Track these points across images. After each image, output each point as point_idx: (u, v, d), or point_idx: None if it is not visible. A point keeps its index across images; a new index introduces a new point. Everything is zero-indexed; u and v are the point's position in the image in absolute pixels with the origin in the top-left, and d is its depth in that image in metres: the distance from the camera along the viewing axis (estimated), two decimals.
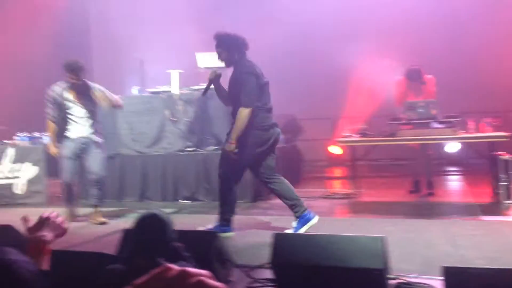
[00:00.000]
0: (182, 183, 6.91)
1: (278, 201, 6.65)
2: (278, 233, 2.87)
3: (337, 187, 7.51)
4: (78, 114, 5.54)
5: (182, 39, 9.65)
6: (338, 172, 9.62)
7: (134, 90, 7.57)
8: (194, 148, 7.03)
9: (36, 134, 7.37)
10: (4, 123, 8.07)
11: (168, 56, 9.16)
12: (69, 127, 5.53)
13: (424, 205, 6.02)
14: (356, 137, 6.20)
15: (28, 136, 7.33)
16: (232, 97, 4.59)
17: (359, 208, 6.02)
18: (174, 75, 7.22)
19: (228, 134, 4.63)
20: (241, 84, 4.46)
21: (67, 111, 5.51)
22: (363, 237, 2.68)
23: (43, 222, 1.69)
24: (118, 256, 2.50)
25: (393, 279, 2.83)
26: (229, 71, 4.78)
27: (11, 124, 8.16)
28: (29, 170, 7.13)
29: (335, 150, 10.24)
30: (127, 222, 5.40)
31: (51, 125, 5.63)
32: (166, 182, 6.98)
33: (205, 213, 6.05)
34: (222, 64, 4.74)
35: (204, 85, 7.16)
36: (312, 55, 10.15)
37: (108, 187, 7.23)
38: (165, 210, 6.22)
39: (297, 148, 8.77)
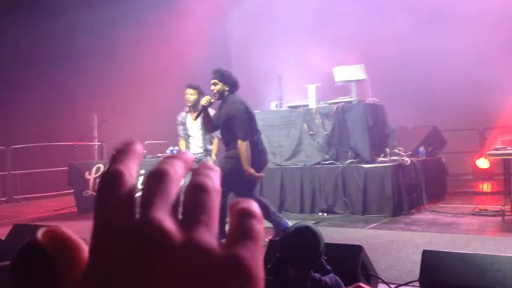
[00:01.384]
0: (319, 196, 6.94)
1: (420, 215, 6.39)
2: (428, 250, 2.74)
3: (487, 203, 6.94)
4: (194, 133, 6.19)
5: (319, 54, 9.77)
6: (486, 187, 8.90)
7: (273, 105, 7.81)
8: (332, 161, 7.02)
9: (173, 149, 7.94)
10: (163, 138, 8.85)
11: (305, 71, 9.34)
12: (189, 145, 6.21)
13: None
14: (511, 150, 5.69)
15: (178, 150, 7.92)
16: (225, 127, 5.05)
17: None
18: (311, 89, 7.32)
19: (224, 163, 5.03)
20: (236, 118, 4.92)
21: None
22: None
23: None
24: (265, 267, 2.59)
25: None
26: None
27: (166, 138, 8.92)
28: (181, 183, 7.69)
29: (483, 163, 9.50)
30: (266, 232, 5.60)
31: (182, 143, 6.31)
32: (304, 195, 7.06)
33: (343, 226, 6.00)
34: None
35: (342, 99, 7.21)
36: (454, 63, 9.61)
37: None
38: (307, 221, 6.34)
39: (441, 161, 8.30)
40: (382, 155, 7.13)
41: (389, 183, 6.49)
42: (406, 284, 3.09)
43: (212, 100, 5.10)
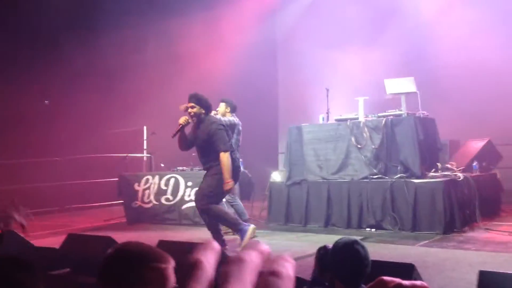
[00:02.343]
0: (367, 211, 6.81)
1: (474, 233, 6.15)
2: (485, 271, 2.63)
3: None
4: None
5: (367, 66, 9.67)
6: None
7: (320, 118, 7.76)
8: (380, 176, 6.89)
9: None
10: None
11: (352, 84, 9.25)
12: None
13: None
14: None
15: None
16: (207, 145, 5.61)
17: None
18: (361, 102, 7.23)
19: (205, 176, 5.75)
20: (216, 135, 5.53)
21: None
22: None
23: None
24: (314, 280, 2.55)
25: None
26: None
27: None
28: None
29: None
30: (313, 247, 5.53)
31: None
32: (351, 209, 6.95)
33: (392, 243, 5.85)
34: None
35: (391, 112, 7.09)
36: (509, 73, 9.27)
37: (294, 212, 7.51)
38: (353, 237, 6.23)
39: (495, 177, 7.99)
40: (433, 170, 6.93)
41: (441, 199, 6.30)
42: None
43: (189, 121, 5.70)
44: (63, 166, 9.98)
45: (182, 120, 5.67)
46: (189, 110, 5.64)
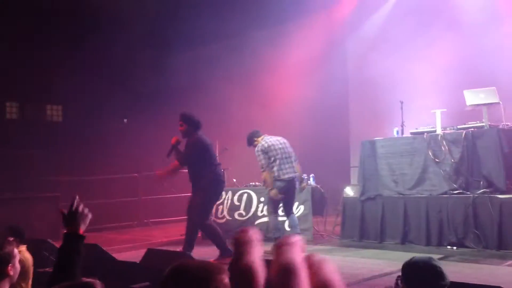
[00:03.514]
0: (448, 228, 6.51)
1: None
2: None
3: None
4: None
5: (444, 77, 9.32)
6: None
7: (394, 132, 7.55)
8: (461, 191, 6.57)
9: (304, 176, 7.96)
10: None
11: (429, 95, 8.94)
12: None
13: None
14: None
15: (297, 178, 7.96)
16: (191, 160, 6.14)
17: None
18: (438, 114, 6.96)
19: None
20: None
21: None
22: None
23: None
24: None
25: None
26: None
27: None
28: (297, 209, 7.70)
29: None
30: (390, 265, 5.36)
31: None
32: (430, 226, 6.67)
33: (477, 262, 5.54)
34: None
35: (472, 124, 6.77)
36: None
37: (369, 228, 7.31)
38: (429, 255, 5.97)
39: None
40: None
41: None
42: None
43: (180, 140, 6.21)
44: (141, 181, 10.37)
45: (173, 140, 6.20)
46: (180, 128, 6.16)
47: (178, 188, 9.89)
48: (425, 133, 7.03)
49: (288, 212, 6.79)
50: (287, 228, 7.55)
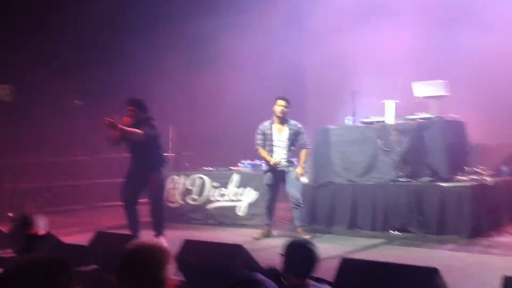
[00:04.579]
0: (393, 214, 6.75)
1: (501, 238, 6.05)
2: (509, 276, 2.60)
3: None
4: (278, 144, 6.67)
5: (396, 69, 9.56)
6: None
7: (347, 121, 7.72)
8: (408, 179, 6.82)
9: (258, 162, 8.05)
10: (235, 150, 9.05)
11: (381, 86, 9.16)
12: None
13: None
14: None
15: (251, 163, 8.05)
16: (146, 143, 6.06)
17: None
18: (389, 105, 7.17)
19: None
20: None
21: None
22: None
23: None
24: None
25: None
26: None
27: (234, 151, 9.08)
28: (250, 195, 7.80)
29: None
30: (336, 249, 5.54)
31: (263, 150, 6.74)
32: (376, 212, 6.90)
33: (417, 246, 5.80)
34: None
35: (420, 115, 7.02)
36: None
37: (319, 213, 7.49)
38: (374, 240, 6.20)
39: None
40: (461, 173, 6.84)
41: (468, 203, 6.21)
42: None
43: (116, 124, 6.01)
44: (91, 164, 10.19)
45: (111, 123, 5.96)
46: (128, 113, 6.14)
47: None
48: (376, 123, 7.25)
49: None
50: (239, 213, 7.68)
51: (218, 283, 3.35)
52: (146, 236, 5.74)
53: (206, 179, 8.11)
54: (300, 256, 2.69)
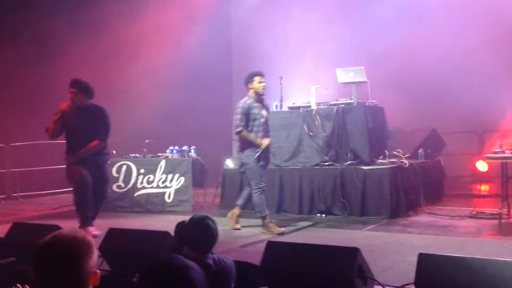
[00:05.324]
0: (318, 197, 6.96)
1: (418, 218, 6.42)
2: (424, 253, 2.76)
3: (485, 206, 6.99)
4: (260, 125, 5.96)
5: (320, 55, 9.79)
6: (484, 189, 8.93)
7: (273, 106, 7.82)
8: (331, 163, 7.04)
9: (185, 148, 7.98)
10: (163, 136, 8.87)
11: (306, 72, 9.36)
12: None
13: None
14: (509, 153, 5.72)
15: (178, 149, 7.96)
16: (85, 129, 5.76)
17: (510, 230, 5.54)
18: (313, 90, 7.35)
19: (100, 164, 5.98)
20: (101, 120, 5.84)
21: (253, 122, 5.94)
22: None
23: None
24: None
25: None
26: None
27: (162, 138, 8.91)
28: (177, 181, 7.73)
29: (481, 166, 9.53)
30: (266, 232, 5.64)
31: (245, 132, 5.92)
32: (302, 196, 7.08)
33: (341, 228, 6.02)
34: None
35: (342, 100, 7.24)
36: (453, 66, 9.65)
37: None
38: (300, 223, 6.36)
39: (439, 163, 8.33)
40: (381, 157, 7.16)
41: (387, 185, 6.52)
42: (402, 286, 3.12)
43: (70, 107, 5.77)
44: (8, 152, 9.64)
45: (64, 107, 5.74)
46: (71, 96, 5.73)
47: (49, 160, 9.36)
48: (301, 108, 7.40)
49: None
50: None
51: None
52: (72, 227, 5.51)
53: (133, 166, 7.93)
54: (201, 231, 2.79)
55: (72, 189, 6.05)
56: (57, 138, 6.06)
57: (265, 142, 5.91)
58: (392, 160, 7.08)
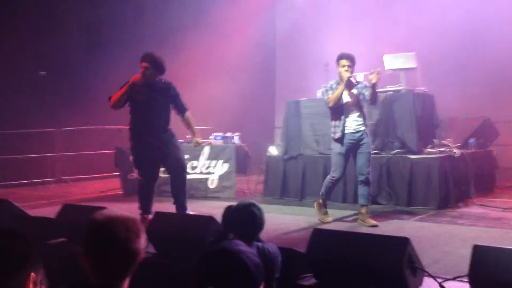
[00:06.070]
0: None
1: (468, 209, 6.19)
2: (479, 245, 2.64)
3: None
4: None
5: (368, 41, 9.55)
6: None
7: (318, 93, 7.70)
8: (377, 151, 6.88)
9: (229, 134, 7.99)
10: (206, 123, 8.92)
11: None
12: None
13: None
14: None
15: (222, 136, 7.98)
16: (161, 104, 5.50)
17: None
18: (359, 77, 7.16)
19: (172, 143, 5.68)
20: (176, 96, 5.60)
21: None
22: None
23: None
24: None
25: None
26: None
27: (208, 124, 8.96)
28: (221, 167, 7.75)
29: None
30: (308, 220, 5.59)
31: None
32: (347, 184, 6.96)
33: (387, 217, 5.89)
34: None
35: (390, 88, 7.03)
36: (508, 52, 9.19)
37: (290, 186, 7.52)
38: (345, 211, 6.26)
39: (491, 154, 8.01)
40: (430, 146, 6.94)
41: (436, 175, 6.31)
42: (454, 278, 3.00)
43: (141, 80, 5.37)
44: (59, 137, 9.94)
45: (136, 78, 5.35)
46: (143, 71, 5.31)
47: (98, 145, 9.60)
48: None
49: None
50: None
51: (189, 254, 3.32)
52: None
53: None
54: (246, 219, 2.78)
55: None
56: (120, 110, 5.63)
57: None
58: (441, 149, 6.85)
